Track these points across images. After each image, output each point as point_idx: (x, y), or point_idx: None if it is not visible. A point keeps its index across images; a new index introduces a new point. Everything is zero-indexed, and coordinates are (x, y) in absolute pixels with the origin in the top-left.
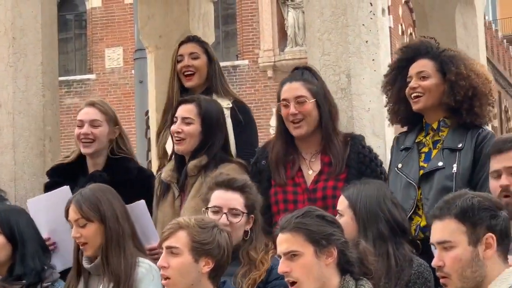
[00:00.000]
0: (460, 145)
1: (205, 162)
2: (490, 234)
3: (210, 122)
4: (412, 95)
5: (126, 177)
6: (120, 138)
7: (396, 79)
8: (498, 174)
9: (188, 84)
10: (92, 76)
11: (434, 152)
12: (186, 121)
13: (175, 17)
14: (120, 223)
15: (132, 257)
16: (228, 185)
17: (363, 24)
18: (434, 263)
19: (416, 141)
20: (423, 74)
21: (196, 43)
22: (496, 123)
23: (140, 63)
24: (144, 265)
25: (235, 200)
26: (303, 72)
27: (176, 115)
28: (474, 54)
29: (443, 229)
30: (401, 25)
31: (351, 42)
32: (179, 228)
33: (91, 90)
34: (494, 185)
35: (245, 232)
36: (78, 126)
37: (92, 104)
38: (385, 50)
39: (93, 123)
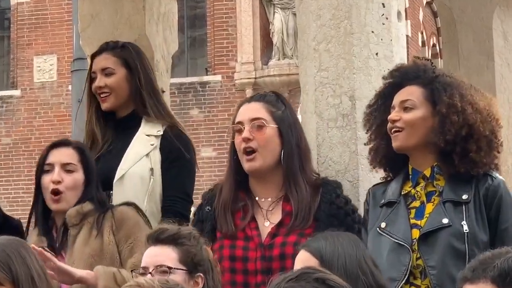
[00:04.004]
0: (465, 197)
1: (90, 208)
2: None
3: (93, 170)
4: (392, 130)
5: None
6: None
7: (379, 110)
8: None
9: (103, 106)
10: (16, 93)
11: (429, 206)
12: (67, 168)
13: (126, 17)
14: (37, 286)
15: None
16: (156, 238)
17: (373, 31)
18: None
19: (402, 193)
20: (407, 104)
21: (110, 53)
22: None
23: (79, 76)
24: None
25: (164, 255)
26: (266, 94)
27: (50, 161)
28: None
29: None
30: (422, 33)
31: (356, 55)
32: None
33: (14, 111)
34: None
35: None
36: None
37: None
38: None
39: None
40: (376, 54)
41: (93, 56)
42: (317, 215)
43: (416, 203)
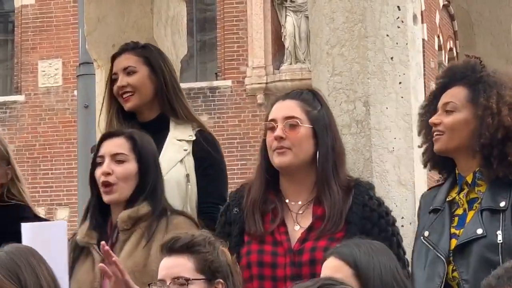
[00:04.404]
0: (503, 204)
1: (146, 211)
2: None
3: (148, 160)
4: (434, 133)
5: (20, 229)
6: (12, 182)
7: (429, 111)
8: None
9: (126, 105)
10: (20, 98)
11: (470, 214)
12: (117, 158)
13: (134, 20)
14: None
15: None
16: (170, 248)
17: (388, 35)
18: None
19: (447, 199)
20: (449, 107)
21: (131, 53)
22: None
23: (85, 81)
24: None
25: (180, 265)
26: (303, 92)
27: (101, 153)
28: None
29: None
30: (438, 37)
31: (371, 59)
32: None
33: (18, 116)
34: None
35: None
36: None
37: None
38: (417, 70)
39: None
40: (391, 58)
41: (113, 58)
42: (348, 218)
43: (459, 211)
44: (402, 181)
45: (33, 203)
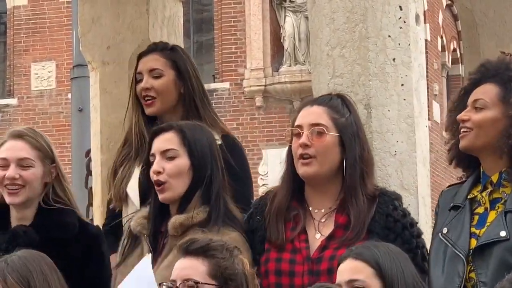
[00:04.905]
0: None
1: (201, 219)
2: None
3: (202, 153)
4: (461, 130)
5: (63, 234)
6: (57, 181)
7: (458, 107)
8: None
9: (147, 110)
10: (12, 101)
11: (492, 214)
12: (167, 155)
13: (129, 21)
14: None
15: None
16: (186, 249)
17: (389, 36)
18: None
19: (468, 197)
20: (478, 104)
21: (159, 54)
22: None
23: (79, 84)
24: None
25: (192, 268)
26: (332, 98)
27: (152, 151)
28: None
29: None
30: (442, 37)
31: (372, 60)
32: None
33: (11, 120)
34: None
35: None
36: (0, 166)
37: (19, 136)
38: (419, 72)
39: (22, 163)
40: (393, 59)
41: (139, 57)
42: (370, 227)
43: (480, 209)
44: (404, 185)
45: None
